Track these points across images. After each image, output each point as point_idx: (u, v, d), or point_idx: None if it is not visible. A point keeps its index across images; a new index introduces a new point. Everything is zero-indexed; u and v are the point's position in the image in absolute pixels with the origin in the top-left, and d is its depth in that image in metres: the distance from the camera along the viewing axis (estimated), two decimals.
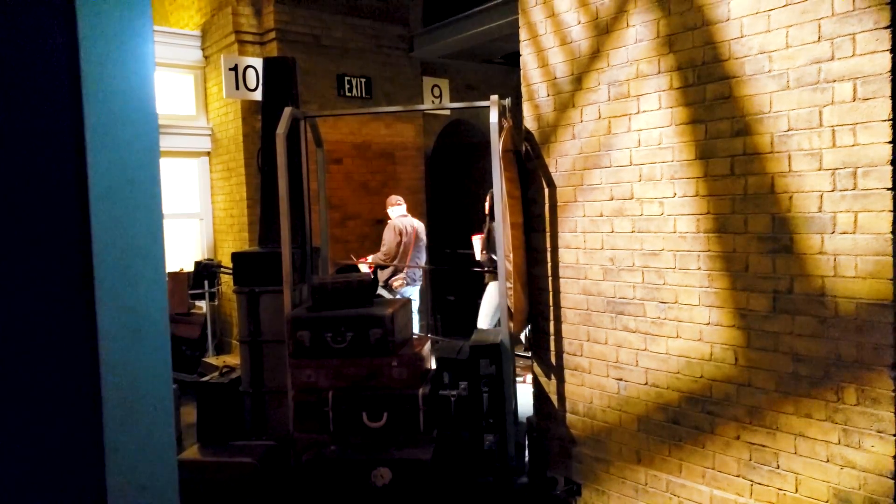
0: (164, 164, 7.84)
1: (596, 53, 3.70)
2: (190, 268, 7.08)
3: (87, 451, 0.78)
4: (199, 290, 6.75)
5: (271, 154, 4.13)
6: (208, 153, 7.91)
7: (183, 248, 7.89)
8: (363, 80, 7.47)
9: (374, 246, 7.28)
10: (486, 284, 6.41)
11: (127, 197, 0.81)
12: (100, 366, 0.79)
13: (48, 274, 0.76)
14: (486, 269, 6.45)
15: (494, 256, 6.32)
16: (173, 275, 6.71)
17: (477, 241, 6.55)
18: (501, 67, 8.94)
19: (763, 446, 3.12)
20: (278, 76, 4.42)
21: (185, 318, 6.76)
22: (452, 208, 9.01)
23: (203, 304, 6.99)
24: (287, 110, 4.10)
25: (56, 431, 0.76)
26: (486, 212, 6.57)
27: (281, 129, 3.99)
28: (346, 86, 7.39)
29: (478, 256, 6.60)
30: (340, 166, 7.28)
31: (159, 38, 7.68)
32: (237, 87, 6.93)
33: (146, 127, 0.84)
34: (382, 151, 7.65)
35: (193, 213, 7.93)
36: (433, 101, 8.08)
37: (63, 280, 0.77)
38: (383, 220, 7.13)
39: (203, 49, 7.76)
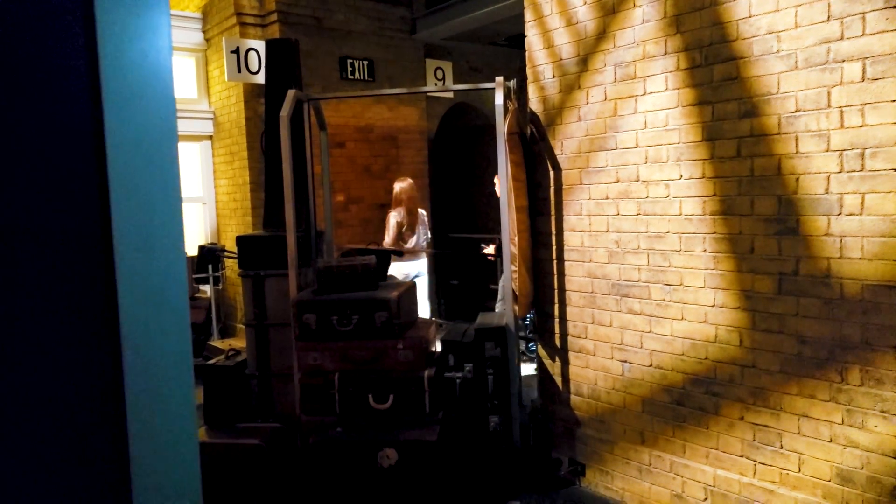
0: None
1: (602, 34, 3.67)
2: (193, 252, 7.09)
3: (111, 429, 0.79)
4: (204, 274, 6.76)
5: (275, 137, 4.12)
6: (210, 137, 7.89)
7: (186, 233, 7.90)
8: (366, 62, 7.43)
9: (378, 231, 7.28)
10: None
11: (146, 176, 0.81)
12: (121, 344, 0.79)
13: (69, 255, 0.77)
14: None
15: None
16: None
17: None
18: (506, 50, 8.88)
19: (767, 427, 3.14)
20: (281, 58, 4.40)
21: (190, 303, 6.78)
22: (456, 192, 9.00)
23: (207, 289, 7.01)
24: (291, 93, 4.09)
25: (80, 415, 0.76)
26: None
27: (285, 111, 3.97)
28: (349, 68, 7.35)
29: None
30: (343, 150, 7.27)
31: None
32: (239, 70, 6.90)
33: (164, 102, 0.83)
34: (385, 135, 7.63)
35: (196, 198, 7.93)
36: (436, 84, 8.05)
37: (84, 259, 0.77)
38: (387, 204, 7.12)
39: (204, 31, 7.71)
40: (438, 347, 4.17)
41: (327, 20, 7.24)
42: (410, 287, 4.15)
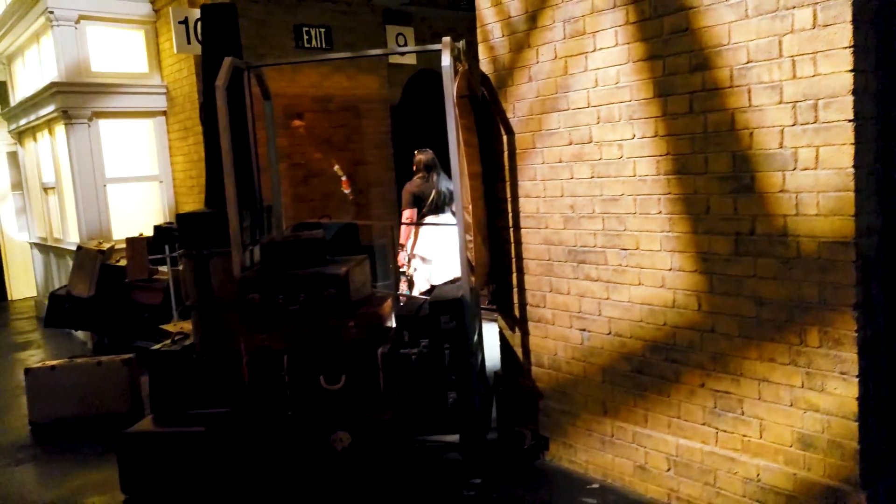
0: (118, 125, 7.55)
1: None
2: (150, 233, 6.86)
3: None
4: (160, 255, 6.54)
5: (213, 109, 3.90)
6: (164, 112, 7.61)
7: (144, 212, 7.67)
8: (322, 30, 7.16)
9: (341, 204, 7.09)
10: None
11: None
12: None
13: None
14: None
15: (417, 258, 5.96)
16: (131, 240, 6.49)
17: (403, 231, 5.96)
18: (469, 14, 8.61)
19: (727, 393, 3.04)
20: (219, 24, 4.16)
21: (147, 285, 6.57)
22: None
23: (166, 269, 6.80)
24: (227, 60, 3.87)
25: None
26: (414, 169, 6.11)
27: (220, 80, 3.76)
28: (305, 37, 7.08)
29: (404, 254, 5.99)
30: (301, 121, 7.03)
31: None
32: (188, 42, 6.62)
33: None
34: (345, 104, 7.39)
35: (153, 176, 7.68)
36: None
37: None
38: (350, 175, 6.93)
39: (153, 2, 7.39)
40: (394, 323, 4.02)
41: None
42: (362, 261, 3.98)
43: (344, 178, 6.79)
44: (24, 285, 11.86)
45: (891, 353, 2.77)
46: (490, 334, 4.32)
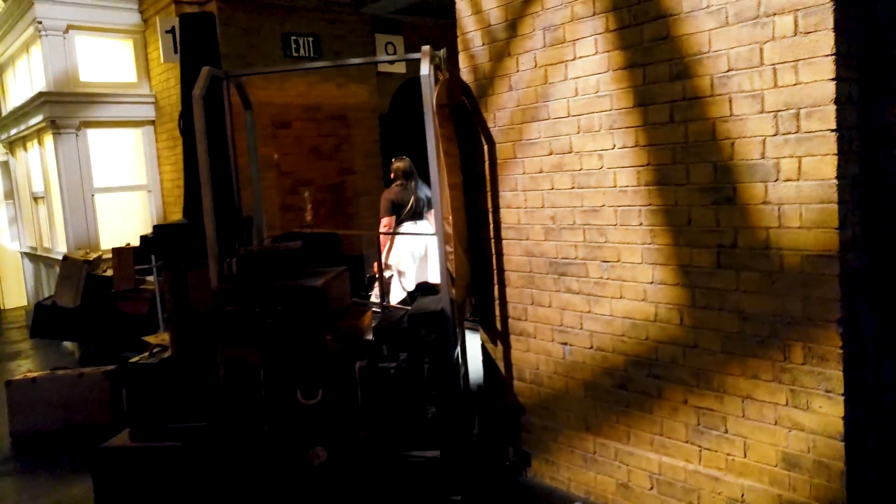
0: (106, 134, 7.49)
1: None
2: (136, 243, 6.77)
3: None
4: (147, 265, 6.46)
5: (191, 118, 3.83)
6: (152, 122, 7.56)
7: (132, 222, 7.60)
8: (310, 38, 7.10)
9: (329, 213, 7.02)
10: None
11: None
12: None
13: None
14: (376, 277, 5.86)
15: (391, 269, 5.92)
16: (118, 250, 6.41)
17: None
18: None
19: (711, 410, 2.95)
20: (197, 34, 4.10)
21: (133, 295, 6.48)
22: None
23: (153, 279, 6.71)
24: (204, 70, 3.80)
25: None
26: (392, 176, 6.13)
27: (197, 90, 3.69)
28: (293, 45, 7.02)
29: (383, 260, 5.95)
30: (289, 130, 6.96)
31: (96, 0, 7.26)
32: (176, 51, 6.56)
33: None
34: (334, 113, 7.32)
35: (141, 186, 7.61)
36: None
37: None
38: (340, 184, 6.86)
39: (141, 12, 7.35)
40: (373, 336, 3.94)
41: None
42: (341, 273, 3.90)
43: (309, 206, 6.78)
44: (17, 295, 11.79)
45: (879, 370, 2.68)
46: (474, 346, 4.23)
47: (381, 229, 5.88)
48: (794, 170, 2.57)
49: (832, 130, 2.45)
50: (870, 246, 2.61)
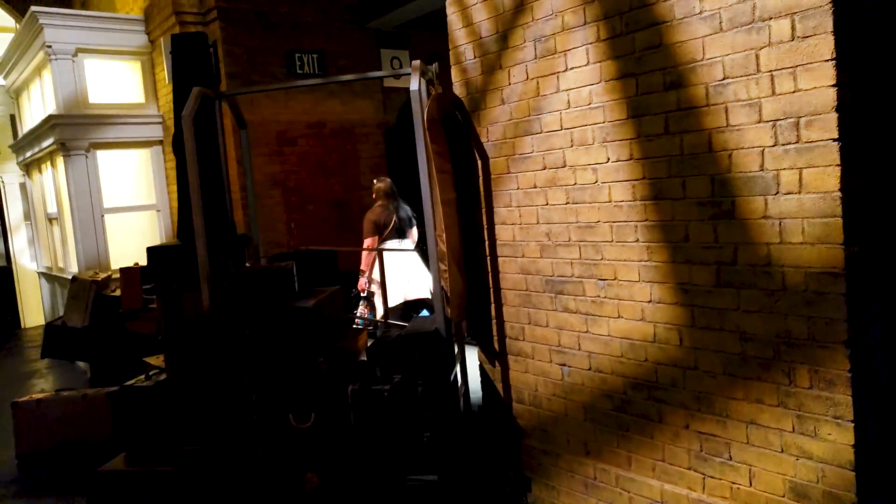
0: (116, 155, 7.53)
1: (520, 7, 3.32)
2: (144, 262, 6.76)
3: None
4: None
5: (182, 139, 3.78)
6: (161, 142, 7.57)
7: (142, 242, 7.59)
8: (315, 55, 7.07)
9: (337, 230, 6.96)
10: None
11: None
12: None
13: None
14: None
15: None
16: (125, 270, 6.39)
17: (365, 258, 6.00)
18: None
19: (713, 436, 2.80)
20: (188, 54, 4.06)
21: (142, 315, 6.46)
22: (416, 186, 8.61)
23: None
24: (195, 90, 3.75)
25: None
26: (374, 196, 6.16)
27: (186, 111, 3.64)
28: (297, 63, 6.99)
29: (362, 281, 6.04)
30: (295, 147, 6.92)
31: (103, 24, 7.33)
32: None
33: None
34: (339, 130, 7.27)
35: (150, 205, 7.62)
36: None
37: None
38: (344, 202, 6.79)
39: (148, 33, 7.39)
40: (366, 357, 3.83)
41: (272, 13, 6.88)
42: (334, 292, 3.82)
43: (295, 232, 6.78)
44: (37, 313, 11.91)
45: (891, 391, 2.51)
46: (474, 366, 4.11)
47: (365, 248, 5.95)
48: (794, 182, 2.42)
49: (834, 140, 2.30)
50: (878, 261, 2.45)
